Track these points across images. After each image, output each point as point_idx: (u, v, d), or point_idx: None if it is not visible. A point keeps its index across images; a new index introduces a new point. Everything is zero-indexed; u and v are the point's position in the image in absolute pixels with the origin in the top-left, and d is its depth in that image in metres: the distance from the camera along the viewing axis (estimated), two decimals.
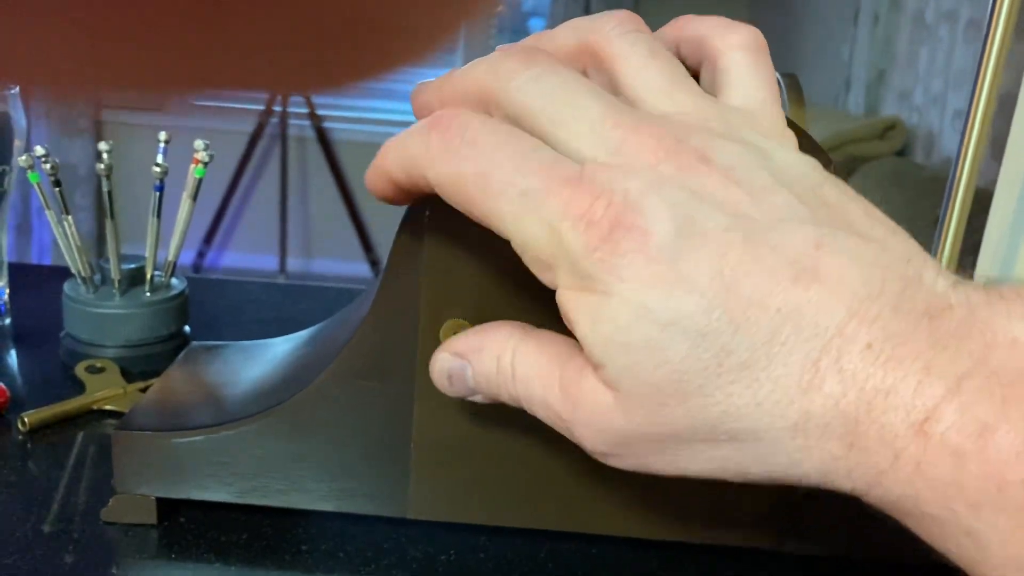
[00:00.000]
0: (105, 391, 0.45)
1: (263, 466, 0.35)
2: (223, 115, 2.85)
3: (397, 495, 0.35)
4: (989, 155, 0.76)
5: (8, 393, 0.43)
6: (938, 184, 1.87)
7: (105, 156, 0.47)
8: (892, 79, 2.24)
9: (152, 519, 0.36)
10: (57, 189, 0.46)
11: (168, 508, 0.36)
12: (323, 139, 2.71)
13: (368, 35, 0.13)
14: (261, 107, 2.66)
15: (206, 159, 0.48)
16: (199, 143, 0.49)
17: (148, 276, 0.49)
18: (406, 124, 0.33)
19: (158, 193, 0.48)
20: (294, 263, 2.92)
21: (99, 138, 2.79)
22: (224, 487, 0.35)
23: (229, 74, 0.12)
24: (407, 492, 0.35)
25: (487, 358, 0.27)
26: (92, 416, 0.44)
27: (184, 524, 0.36)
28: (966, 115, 0.56)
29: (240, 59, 0.12)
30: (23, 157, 0.47)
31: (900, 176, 1.90)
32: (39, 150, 0.48)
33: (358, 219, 2.74)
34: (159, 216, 0.48)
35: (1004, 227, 0.66)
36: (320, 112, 2.71)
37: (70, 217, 0.47)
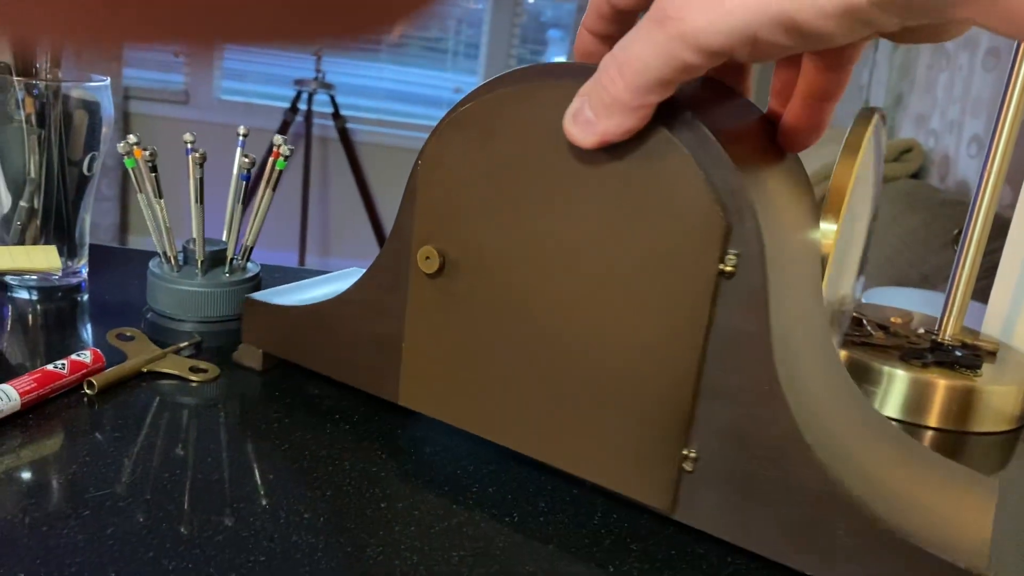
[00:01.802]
0: (148, 354, 0.49)
1: (316, 343, 0.47)
2: (248, 112, 2.90)
3: (393, 384, 0.45)
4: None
5: (104, 359, 0.47)
6: (951, 207, 1.91)
7: (195, 145, 0.51)
8: (910, 103, 2.27)
9: (258, 366, 0.50)
10: (153, 174, 0.50)
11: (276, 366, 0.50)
12: (345, 140, 2.75)
13: None
14: (287, 105, 2.71)
15: (287, 152, 0.52)
16: (278, 138, 0.53)
17: (228, 258, 0.53)
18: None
19: (245, 183, 0.52)
20: (311, 261, 2.96)
21: (126, 131, 2.84)
22: (297, 352, 0.48)
23: (244, 26, 0.13)
24: (398, 383, 0.44)
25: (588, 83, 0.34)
26: (141, 377, 0.48)
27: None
28: (989, 142, 0.59)
29: (253, 12, 0.13)
30: (121, 144, 0.51)
31: (915, 198, 1.94)
32: (132, 138, 0.52)
33: (376, 220, 2.78)
34: (244, 204, 0.52)
35: (1021, 251, 0.69)
36: (344, 113, 2.75)
37: (162, 201, 0.51)
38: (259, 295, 0.49)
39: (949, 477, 0.41)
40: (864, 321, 0.62)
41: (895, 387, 0.57)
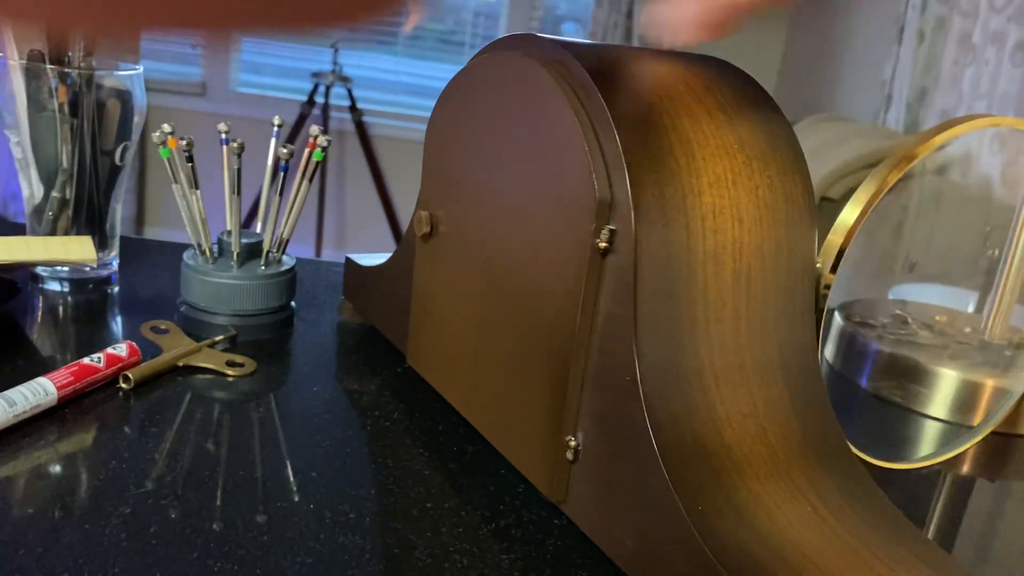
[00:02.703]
0: (184, 348, 0.48)
1: (372, 299, 0.53)
2: (265, 105, 2.89)
3: (406, 342, 0.48)
4: None
5: (140, 352, 0.46)
6: (973, 203, 1.88)
7: (230, 135, 0.50)
8: (934, 98, 2.25)
9: (349, 317, 0.56)
10: (190, 165, 0.49)
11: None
12: (362, 133, 2.74)
13: None
14: (303, 98, 2.70)
15: (324, 143, 0.51)
16: (315, 128, 0.52)
17: (265, 251, 0.52)
18: None
19: (283, 174, 0.51)
20: (327, 254, 2.96)
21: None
22: (363, 306, 0.54)
23: (258, 10, 0.13)
24: (408, 342, 0.48)
25: None
26: (176, 371, 0.47)
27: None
28: None
29: None
30: (156, 134, 0.50)
31: (937, 194, 1.92)
32: (167, 127, 0.51)
33: (392, 213, 2.77)
34: (281, 195, 0.51)
35: None
36: (360, 106, 2.74)
37: (198, 191, 0.50)
38: (355, 255, 0.56)
39: (898, 555, 0.31)
40: (908, 320, 0.61)
41: (943, 386, 0.55)
